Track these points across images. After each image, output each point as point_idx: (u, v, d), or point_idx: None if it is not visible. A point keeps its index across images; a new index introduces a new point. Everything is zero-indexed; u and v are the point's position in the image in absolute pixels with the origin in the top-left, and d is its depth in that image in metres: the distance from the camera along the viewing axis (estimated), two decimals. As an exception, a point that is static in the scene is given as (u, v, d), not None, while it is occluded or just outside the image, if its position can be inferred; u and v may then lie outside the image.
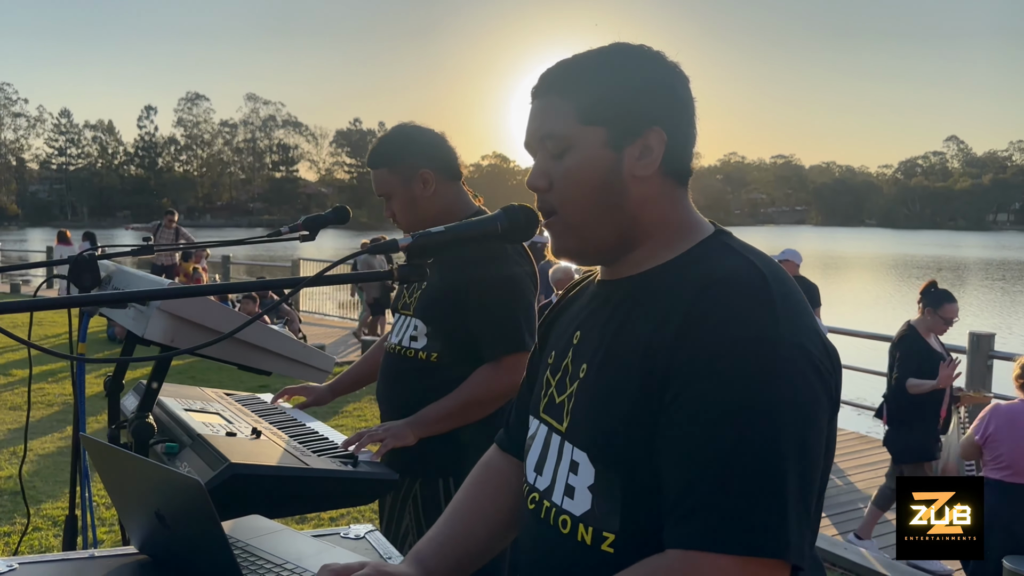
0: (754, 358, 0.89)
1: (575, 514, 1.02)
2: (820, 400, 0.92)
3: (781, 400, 0.89)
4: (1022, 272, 38.20)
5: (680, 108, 1.06)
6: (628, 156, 1.04)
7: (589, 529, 1.00)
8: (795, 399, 0.90)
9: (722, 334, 0.91)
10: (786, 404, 0.89)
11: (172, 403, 2.06)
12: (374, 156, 2.18)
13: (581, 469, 1.02)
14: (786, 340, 0.91)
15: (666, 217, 1.06)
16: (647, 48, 1.07)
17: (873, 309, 23.05)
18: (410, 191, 2.14)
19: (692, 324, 0.93)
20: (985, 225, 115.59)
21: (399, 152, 2.15)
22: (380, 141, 2.19)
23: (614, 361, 1.01)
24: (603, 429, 0.99)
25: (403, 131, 2.20)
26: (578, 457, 1.02)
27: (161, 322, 1.59)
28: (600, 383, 1.02)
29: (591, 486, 1.00)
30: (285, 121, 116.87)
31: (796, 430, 0.89)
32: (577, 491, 1.02)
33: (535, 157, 1.09)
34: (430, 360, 2.11)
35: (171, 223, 12.76)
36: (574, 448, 1.03)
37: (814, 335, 0.94)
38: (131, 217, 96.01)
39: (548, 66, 1.08)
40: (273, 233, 2.07)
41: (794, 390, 0.90)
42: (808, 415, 0.91)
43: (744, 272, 0.97)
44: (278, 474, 1.63)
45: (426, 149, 2.16)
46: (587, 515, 1.01)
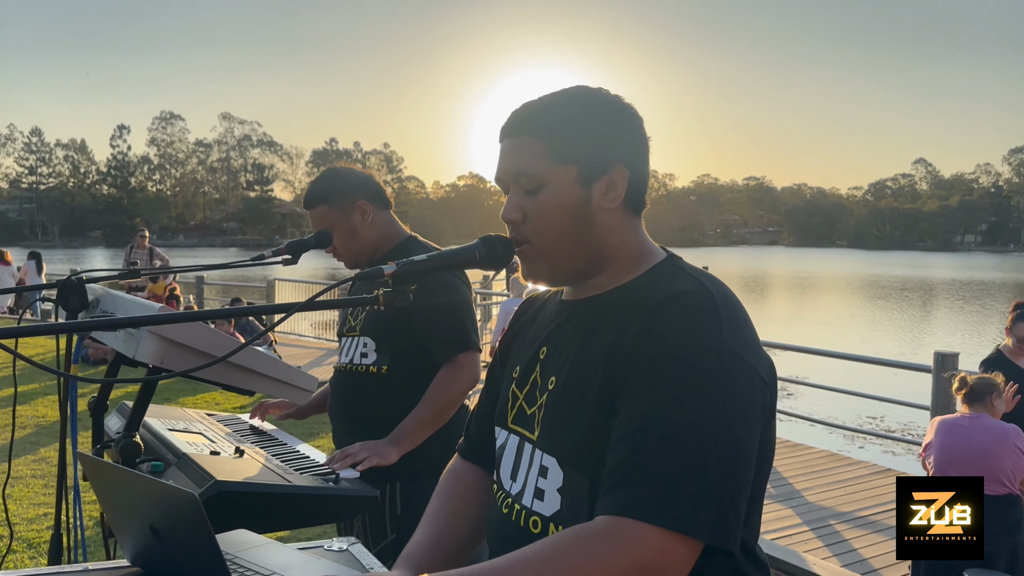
0: (696, 363, 1.01)
1: (545, 515, 1.11)
2: (754, 406, 1.03)
3: (717, 400, 1.00)
4: (989, 292, 38.90)
5: (639, 146, 1.19)
6: (596, 191, 1.15)
7: (559, 528, 1.09)
8: (731, 402, 1.00)
9: (671, 343, 1.02)
10: (721, 405, 1.00)
11: (156, 423, 2.10)
12: (312, 196, 2.31)
13: (550, 473, 1.11)
14: (728, 351, 1.02)
15: (627, 244, 1.18)
16: (607, 92, 1.19)
17: (843, 329, 23.38)
18: (350, 222, 2.28)
19: (646, 336, 1.04)
20: (953, 246, 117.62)
21: (336, 187, 2.30)
22: (314, 183, 2.34)
23: (579, 373, 1.11)
24: (570, 435, 1.09)
25: (334, 170, 2.37)
26: (547, 462, 1.12)
27: (152, 344, 1.65)
28: (566, 393, 1.12)
29: (560, 488, 1.10)
30: (260, 140, 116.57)
31: (728, 428, 0.99)
32: (547, 494, 1.12)
33: (508, 191, 1.19)
34: (381, 373, 2.25)
35: (144, 242, 12.65)
36: (544, 454, 1.13)
37: (755, 349, 1.06)
38: (103, 237, 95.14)
39: (516, 107, 1.19)
40: (256, 257, 2.14)
41: (730, 394, 1.01)
42: (741, 416, 1.01)
43: (695, 291, 1.08)
44: (262, 491, 1.68)
45: (360, 182, 2.32)
46: (557, 515, 1.10)
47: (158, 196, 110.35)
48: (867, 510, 5.80)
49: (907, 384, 11.22)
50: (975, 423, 3.73)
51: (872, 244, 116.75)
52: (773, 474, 6.75)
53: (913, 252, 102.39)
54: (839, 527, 5.48)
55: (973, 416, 3.77)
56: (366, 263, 2.33)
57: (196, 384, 9.66)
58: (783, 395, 13.03)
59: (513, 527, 1.16)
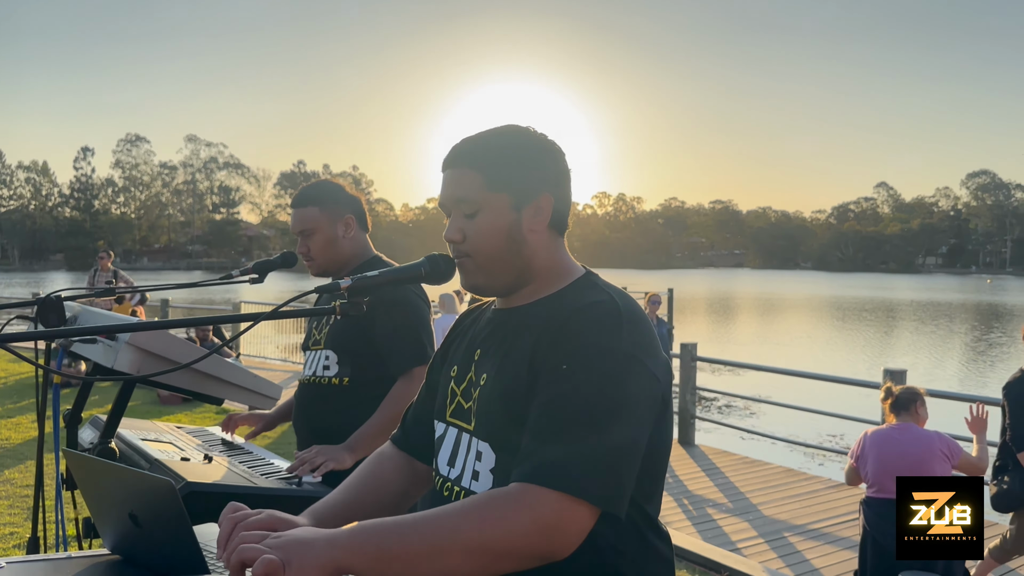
0: (598, 359, 1.20)
1: (479, 492, 1.27)
2: (646, 399, 1.22)
3: (610, 391, 1.19)
4: (948, 313, 39.80)
5: (562, 177, 1.39)
6: (526, 216, 1.35)
7: None
8: (623, 393, 1.19)
9: (577, 344, 1.22)
10: (613, 395, 1.19)
11: (128, 434, 2.22)
12: (305, 196, 2.47)
13: (484, 456, 1.30)
14: (625, 352, 1.21)
15: (550, 261, 1.38)
16: (534, 129, 1.39)
17: (806, 349, 23.81)
18: (334, 231, 2.45)
19: (559, 339, 1.24)
20: (915, 268, 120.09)
21: (331, 195, 2.48)
22: (312, 184, 2.52)
23: (506, 369, 1.30)
24: (499, 422, 1.28)
25: (331, 182, 2.56)
26: (482, 448, 1.30)
27: (129, 354, 1.77)
28: (496, 387, 1.30)
29: (492, 469, 1.28)
30: (227, 163, 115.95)
31: (618, 414, 1.18)
32: (481, 474, 1.30)
33: (450, 215, 1.38)
34: (342, 384, 2.39)
35: (107, 264, 12.57)
36: (479, 440, 1.31)
37: (650, 351, 1.25)
38: (64, 260, 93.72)
39: (457, 141, 1.38)
40: (224, 276, 2.26)
41: (623, 387, 1.20)
42: (631, 405, 1.20)
43: (603, 302, 1.28)
44: (230, 491, 1.80)
45: (351, 199, 2.51)
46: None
47: (122, 219, 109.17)
48: (821, 523, 5.99)
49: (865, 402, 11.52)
50: (905, 434, 3.92)
51: (836, 266, 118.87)
52: (731, 489, 6.96)
53: (876, 274, 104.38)
54: (793, 539, 5.66)
55: (902, 427, 3.96)
56: (333, 275, 2.48)
57: (163, 408, 9.66)
58: (746, 414, 13.28)
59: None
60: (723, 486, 6.97)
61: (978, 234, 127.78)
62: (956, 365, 21.15)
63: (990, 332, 30.10)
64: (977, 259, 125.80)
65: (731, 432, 10.20)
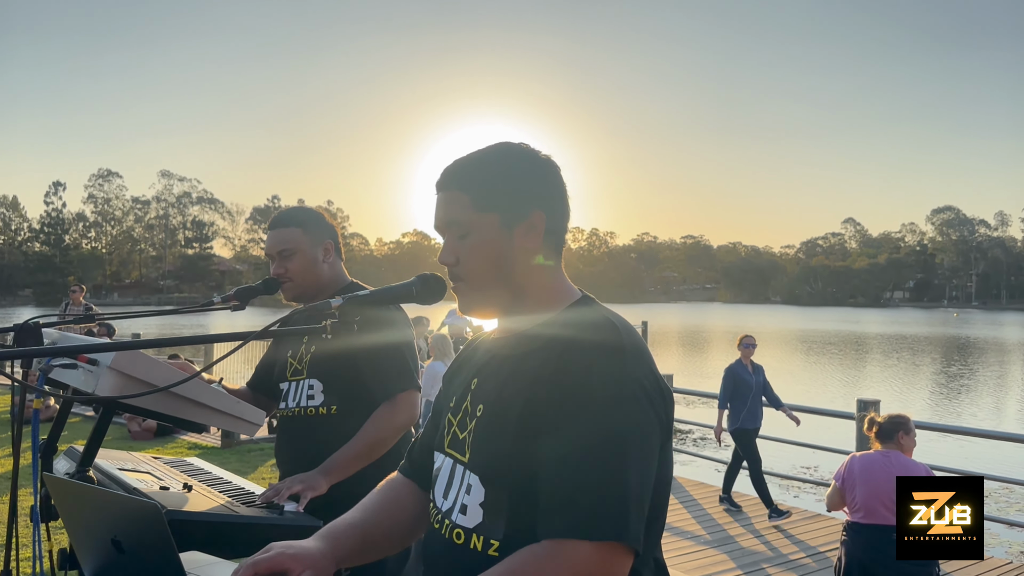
0: (606, 391, 1.18)
1: (468, 527, 1.26)
2: (654, 426, 1.21)
3: (625, 420, 1.17)
4: (915, 345, 40.30)
5: (555, 192, 1.36)
6: (517, 235, 1.32)
7: (480, 538, 1.24)
8: (636, 419, 1.18)
9: (585, 374, 1.19)
10: (629, 423, 1.17)
11: (105, 464, 2.18)
12: (288, 216, 2.49)
13: (474, 490, 1.26)
14: (632, 379, 1.19)
15: (546, 281, 1.36)
16: (526, 146, 1.37)
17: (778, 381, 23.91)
18: (314, 253, 2.45)
19: (564, 367, 1.21)
20: (882, 302, 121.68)
21: (314, 220, 2.50)
22: (292, 209, 2.54)
23: (504, 399, 1.27)
24: (493, 454, 1.25)
25: (311, 208, 2.59)
26: (471, 480, 1.27)
27: (111, 379, 1.75)
28: (491, 419, 1.27)
29: (482, 503, 1.25)
30: (200, 198, 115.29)
31: (636, 440, 1.17)
32: (470, 508, 1.26)
33: (444, 238, 1.37)
34: (330, 413, 2.35)
35: (78, 298, 12.41)
36: (470, 473, 1.28)
37: (653, 375, 1.24)
38: (33, 296, 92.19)
39: (447, 163, 1.37)
40: (206, 303, 2.25)
41: (635, 412, 1.18)
42: (645, 436, 1.19)
43: (605, 329, 1.26)
44: (211, 520, 1.78)
45: (329, 226, 2.53)
46: (479, 527, 1.25)
47: (93, 254, 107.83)
48: (797, 554, 6.00)
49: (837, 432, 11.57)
50: (890, 460, 3.97)
51: (805, 300, 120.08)
52: (709, 521, 6.94)
53: (844, 308, 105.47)
54: (772, 570, 5.65)
55: (887, 453, 4.02)
56: (307, 301, 2.45)
57: (134, 444, 9.48)
58: (721, 446, 13.31)
59: (441, 540, 1.31)
60: (701, 518, 6.96)
61: (944, 268, 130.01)
62: (924, 395, 21.40)
63: (951, 364, 30.56)
64: (944, 293, 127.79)
65: (707, 464, 10.19)
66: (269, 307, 43.15)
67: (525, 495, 1.20)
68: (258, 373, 2.65)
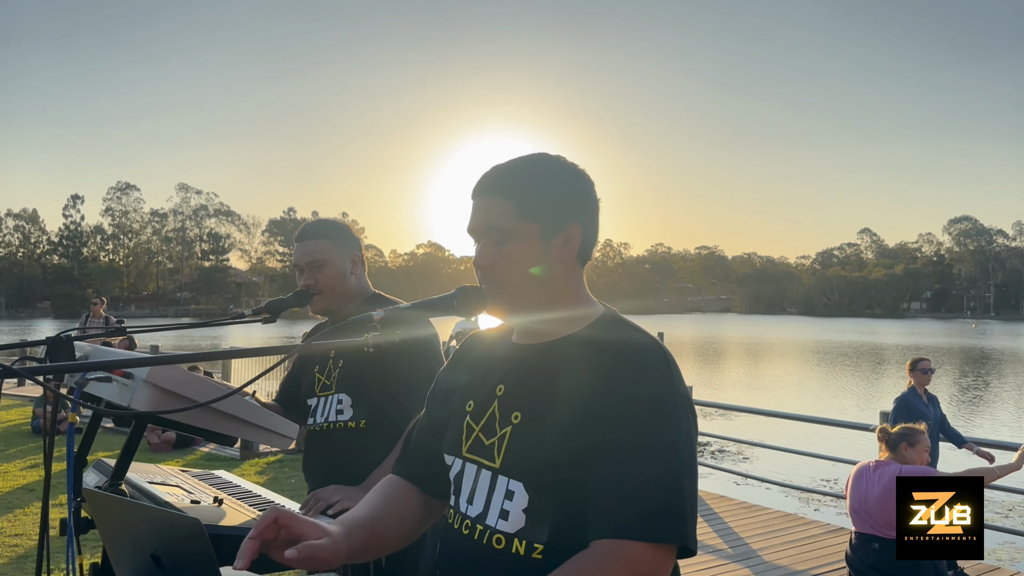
0: (661, 403, 1.23)
1: (510, 532, 1.27)
2: (695, 430, 1.28)
3: (678, 431, 1.22)
4: (934, 357, 39.94)
5: (591, 206, 1.40)
6: (555, 245, 1.35)
7: (523, 543, 1.26)
8: (686, 430, 1.24)
9: (639, 385, 1.23)
10: (681, 434, 1.22)
11: (135, 477, 2.18)
12: (318, 228, 2.49)
13: (517, 496, 1.27)
14: (678, 391, 1.26)
15: (573, 292, 1.39)
16: (564, 158, 1.40)
17: (797, 393, 23.79)
18: (344, 265, 2.46)
19: (616, 378, 1.24)
20: (900, 313, 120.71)
21: (343, 232, 2.51)
22: (322, 220, 2.54)
23: (548, 410, 1.28)
24: (540, 462, 1.26)
25: (339, 221, 2.59)
26: (514, 487, 1.28)
27: (147, 392, 1.75)
28: (539, 424, 1.28)
29: (525, 508, 1.26)
30: (217, 210, 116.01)
31: (687, 450, 1.23)
32: (512, 514, 1.28)
33: (479, 242, 1.38)
34: (359, 427, 2.35)
35: (99, 310, 12.49)
36: (509, 480, 1.29)
37: (685, 385, 1.30)
38: (51, 308, 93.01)
39: (487, 169, 1.39)
40: (235, 315, 2.25)
41: (685, 424, 1.24)
42: (692, 442, 1.25)
43: (649, 341, 1.30)
44: (243, 534, 1.77)
45: (356, 239, 2.54)
46: (521, 532, 1.27)
47: (110, 266, 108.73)
48: (820, 569, 5.92)
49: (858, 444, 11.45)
50: (878, 472, 4.04)
51: (821, 311, 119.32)
52: (730, 534, 6.88)
53: (861, 319, 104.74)
54: (794, 585, 5.59)
55: (879, 463, 4.11)
56: (334, 313, 2.46)
57: (154, 456, 9.51)
58: (739, 458, 13.21)
59: (476, 545, 1.31)
60: (722, 531, 6.89)
61: (962, 279, 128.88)
62: (945, 407, 21.18)
63: (968, 376, 30.31)
64: (962, 304, 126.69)
65: (725, 476, 10.12)
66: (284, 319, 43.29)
67: (571, 499, 1.23)
68: (284, 391, 2.65)
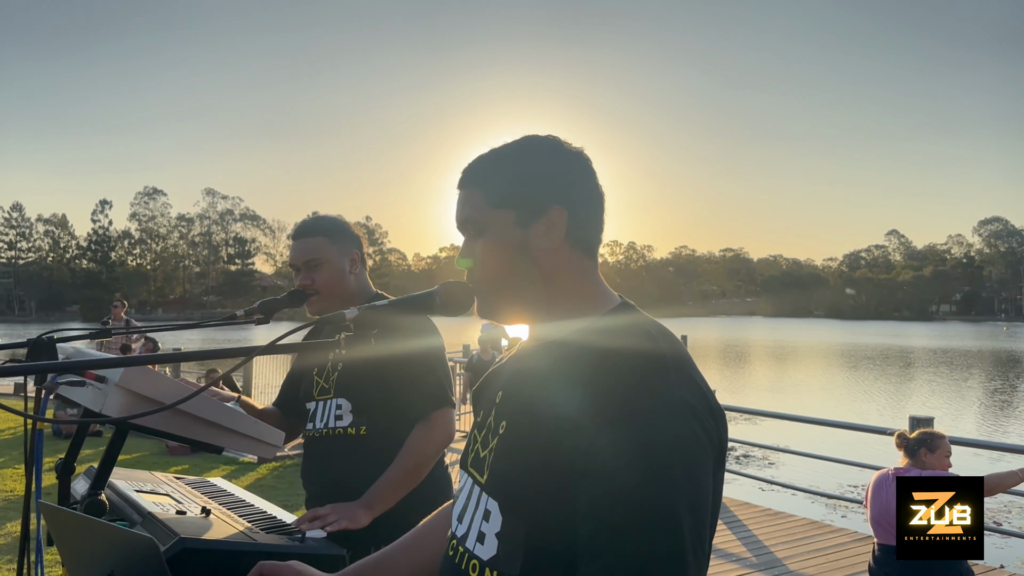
0: (651, 414, 1.00)
1: (483, 559, 1.11)
2: (704, 445, 1.03)
3: (673, 449, 0.99)
4: (965, 360, 39.26)
5: (579, 187, 1.21)
6: (534, 232, 1.19)
7: (495, 573, 1.09)
8: (684, 446, 1.00)
9: (625, 393, 1.02)
10: (678, 452, 0.99)
11: (122, 484, 2.08)
12: (313, 225, 2.38)
13: (492, 517, 1.11)
14: (676, 397, 1.02)
15: (575, 285, 1.21)
16: (552, 138, 1.23)
17: (824, 397, 23.46)
18: (341, 264, 2.34)
19: (598, 384, 1.04)
20: (928, 315, 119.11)
21: (340, 230, 2.38)
22: (317, 218, 2.42)
23: (529, 418, 1.10)
24: (514, 478, 1.09)
25: (336, 217, 2.47)
26: (491, 506, 1.11)
27: (119, 397, 1.65)
28: (515, 437, 1.12)
29: (498, 532, 1.09)
30: (243, 215, 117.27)
31: (688, 474, 0.99)
32: (487, 537, 1.11)
33: (463, 238, 1.26)
34: (359, 434, 2.23)
35: (119, 314, 12.47)
36: (488, 498, 1.13)
37: (697, 389, 1.06)
38: (80, 311, 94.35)
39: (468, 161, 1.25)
40: (228, 316, 2.15)
41: (683, 438, 1.00)
42: (696, 458, 1.01)
43: (643, 338, 1.10)
44: (227, 548, 1.66)
45: (355, 236, 2.42)
46: (493, 560, 1.09)
47: (138, 270, 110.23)
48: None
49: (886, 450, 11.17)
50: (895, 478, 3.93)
51: (849, 314, 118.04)
52: (754, 542, 6.70)
53: (890, 322, 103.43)
54: (821, 595, 5.42)
55: (898, 470, 4.01)
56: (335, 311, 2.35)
57: (172, 459, 9.50)
58: (764, 464, 12.98)
59: (456, 570, 1.17)
60: (746, 540, 6.72)
61: (992, 281, 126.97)
62: (976, 412, 20.79)
63: (1004, 379, 29.69)
64: (992, 307, 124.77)
65: (750, 483, 9.91)
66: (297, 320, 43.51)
67: (547, 529, 1.04)
68: (284, 392, 2.54)
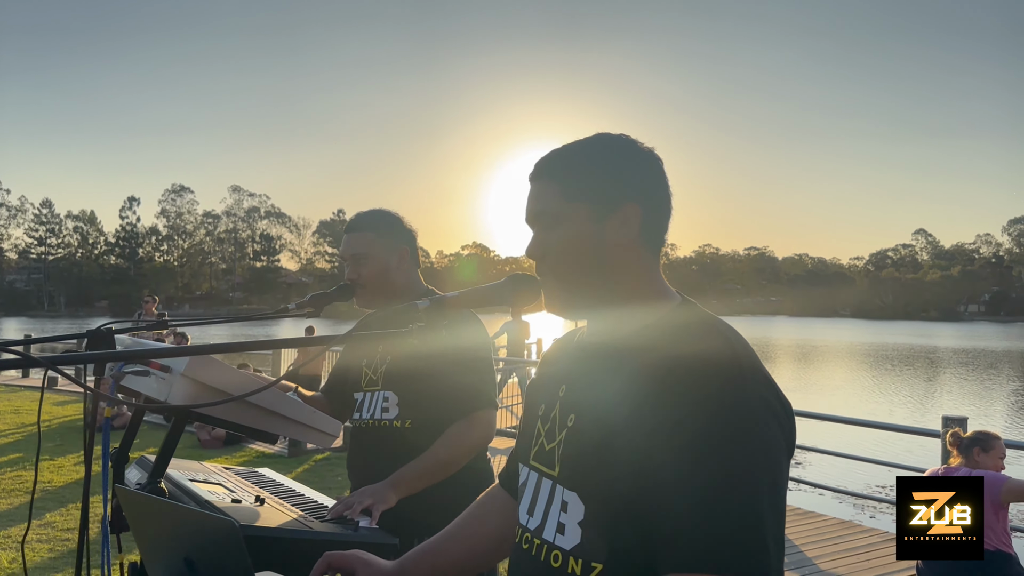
0: (729, 408, 1.03)
1: (566, 548, 1.14)
2: (780, 443, 1.06)
3: (753, 441, 1.02)
4: (994, 360, 38.72)
5: (653, 186, 1.25)
6: (609, 228, 1.21)
7: (579, 561, 1.12)
8: (764, 440, 1.03)
9: (704, 386, 1.04)
10: (758, 445, 1.02)
11: (176, 474, 2.13)
12: (363, 220, 2.38)
13: (571, 507, 1.14)
14: (751, 393, 1.05)
15: (642, 281, 1.24)
16: (625, 136, 1.26)
17: (851, 396, 23.25)
18: (389, 259, 2.36)
19: (677, 379, 1.06)
20: (956, 316, 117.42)
21: (389, 224, 2.39)
22: (368, 212, 2.42)
23: (600, 411, 1.13)
24: (594, 469, 1.11)
25: (390, 212, 2.45)
26: (568, 497, 1.14)
27: (185, 386, 1.69)
28: (588, 431, 1.15)
29: (581, 522, 1.12)
30: (268, 212, 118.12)
31: (767, 465, 1.02)
32: (568, 527, 1.14)
33: (533, 231, 1.27)
34: (404, 427, 2.26)
35: (151, 308, 12.62)
36: (565, 489, 1.16)
37: (771, 387, 1.09)
38: (108, 307, 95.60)
39: (541, 155, 1.27)
40: (280, 309, 2.19)
41: (762, 433, 1.03)
42: (774, 458, 1.04)
43: (716, 344, 1.12)
44: (284, 536, 1.70)
45: (407, 231, 2.43)
46: (577, 548, 1.12)
47: (165, 266, 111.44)
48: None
49: (915, 450, 11.06)
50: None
51: (876, 314, 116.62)
52: (785, 542, 6.66)
53: (917, 322, 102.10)
54: (853, 595, 5.38)
55: (948, 469, 3.93)
56: (381, 307, 2.37)
57: (204, 452, 9.61)
58: (792, 463, 12.90)
59: (534, 562, 1.19)
60: (776, 538, 6.69)
61: (1022, 281, 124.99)
62: (1006, 413, 20.53)
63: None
64: (1021, 307, 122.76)
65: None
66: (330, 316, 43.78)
67: (629, 513, 1.07)
68: (332, 380, 2.58)
